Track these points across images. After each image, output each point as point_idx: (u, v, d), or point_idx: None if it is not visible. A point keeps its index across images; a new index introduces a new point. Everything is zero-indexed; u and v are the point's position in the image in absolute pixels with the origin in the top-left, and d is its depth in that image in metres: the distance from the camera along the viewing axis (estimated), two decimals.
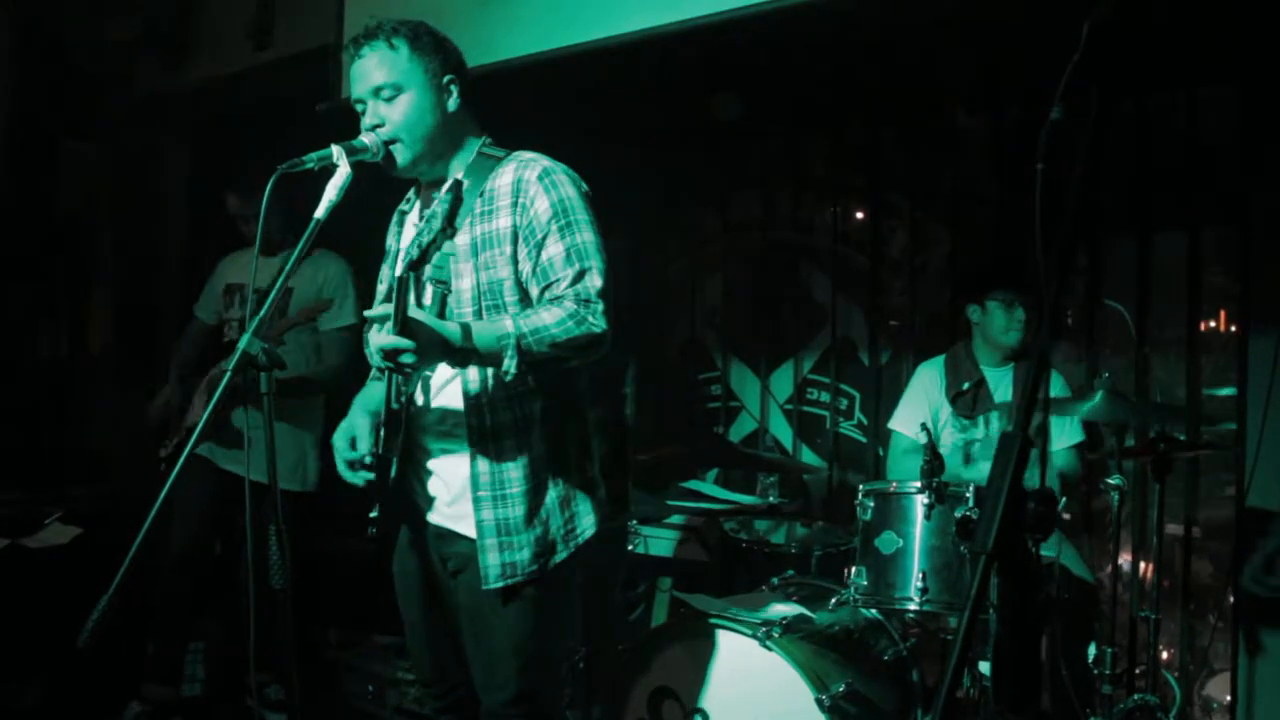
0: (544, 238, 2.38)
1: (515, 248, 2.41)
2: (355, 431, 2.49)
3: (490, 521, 2.40)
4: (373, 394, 2.60)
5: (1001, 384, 4.04)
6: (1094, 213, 4.39)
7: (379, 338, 2.11)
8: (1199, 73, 4.16)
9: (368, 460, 2.45)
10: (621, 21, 3.88)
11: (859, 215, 5.30)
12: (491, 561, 2.40)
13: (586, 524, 2.48)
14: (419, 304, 2.42)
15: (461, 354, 2.22)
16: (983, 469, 3.92)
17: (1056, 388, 3.99)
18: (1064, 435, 4.01)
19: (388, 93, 2.42)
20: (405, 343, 2.08)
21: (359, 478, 2.47)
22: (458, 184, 2.12)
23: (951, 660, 1.35)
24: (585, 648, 3.83)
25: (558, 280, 2.36)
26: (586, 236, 2.39)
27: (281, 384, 3.80)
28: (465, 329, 2.22)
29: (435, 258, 2.10)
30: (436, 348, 2.16)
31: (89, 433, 5.66)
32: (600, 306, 2.34)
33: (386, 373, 2.46)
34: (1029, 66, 2.18)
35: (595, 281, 2.36)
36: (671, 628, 3.51)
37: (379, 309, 2.16)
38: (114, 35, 5.65)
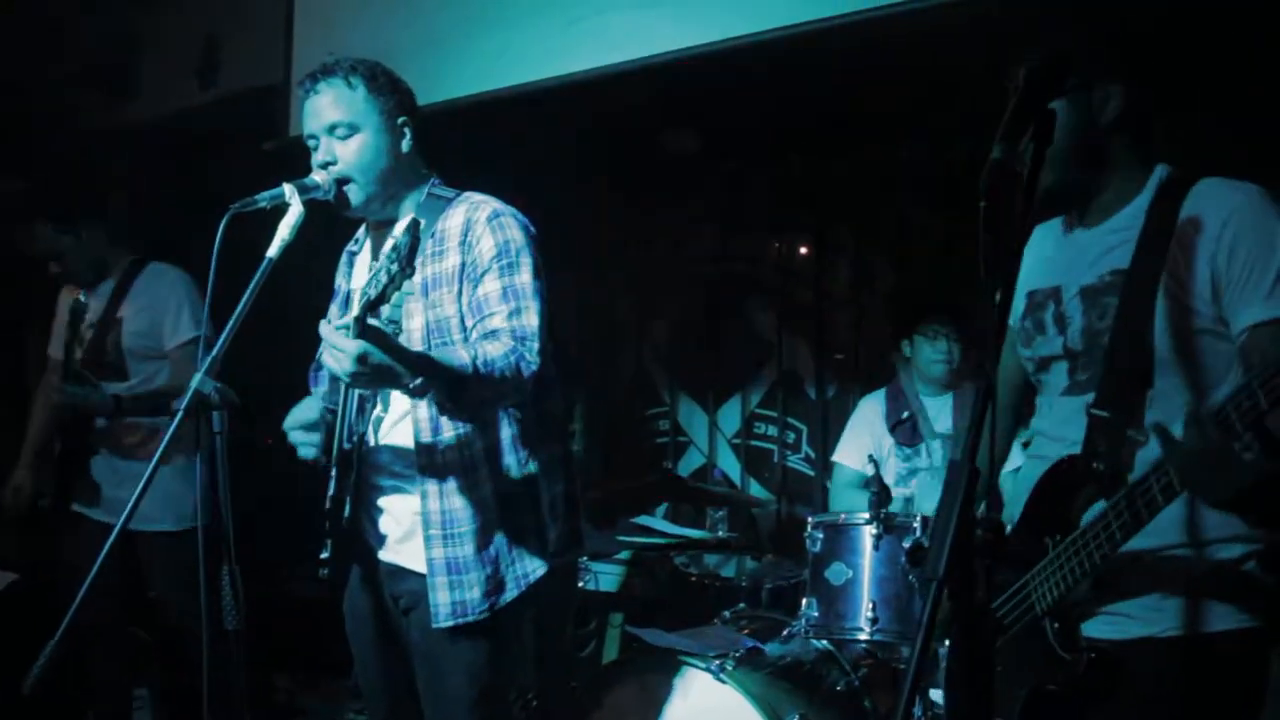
0: (483, 274, 2.40)
1: (460, 286, 2.42)
2: (311, 403, 2.47)
3: (440, 560, 2.40)
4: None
5: (940, 413, 4.11)
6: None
7: (333, 336, 2.04)
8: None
9: (329, 494, 2.44)
10: (569, 62, 3.95)
11: (804, 250, 5.37)
12: (441, 600, 2.39)
13: (536, 564, 2.47)
14: None
15: (415, 368, 2.15)
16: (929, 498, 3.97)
17: None
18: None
19: (342, 131, 2.42)
20: (358, 342, 2.01)
21: (312, 443, 2.42)
22: (416, 224, 2.12)
23: (906, 686, 1.37)
24: (537, 686, 3.81)
25: (491, 315, 2.37)
26: (524, 278, 2.40)
27: (133, 406, 3.77)
28: (421, 351, 2.22)
29: (394, 298, 2.09)
30: (390, 355, 2.08)
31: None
32: (535, 345, 2.35)
33: (339, 406, 2.47)
34: (971, 100, 2.26)
35: (531, 320, 2.37)
36: (624, 663, 3.50)
37: (340, 320, 2.13)
38: (57, 72, 5.59)
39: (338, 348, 2.02)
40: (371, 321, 2.06)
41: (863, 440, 4.15)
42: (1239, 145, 3.72)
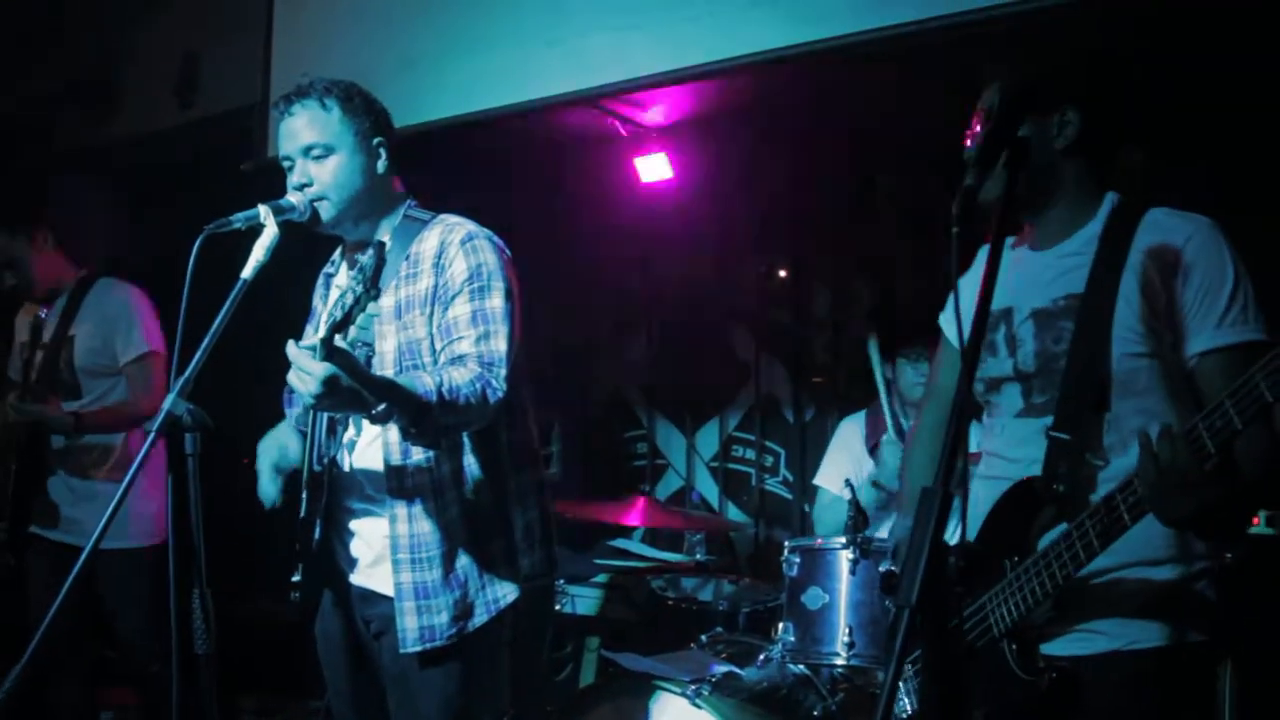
0: (454, 297, 2.39)
1: (433, 308, 2.42)
2: (286, 444, 2.48)
3: (408, 584, 2.39)
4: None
5: None
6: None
7: (300, 357, 2.02)
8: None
9: (300, 516, 2.42)
10: (547, 85, 3.95)
11: (782, 273, 5.38)
12: (409, 625, 2.38)
13: (506, 589, 2.46)
14: None
15: (379, 393, 2.12)
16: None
17: None
18: None
19: (317, 152, 2.42)
20: (325, 365, 1.99)
21: (275, 489, 2.44)
22: (380, 245, 2.12)
23: (879, 712, 1.37)
24: (512, 710, 3.78)
25: (460, 339, 2.36)
26: (496, 302, 2.39)
27: (92, 424, 3.74)
28: (386, 377, 2.21)
29: (359, 319, 2.09)
30: (355, 379, 2.05)
31: None
32: (502, 372, 2.34)
33: (309, 426, 2.46)
34: (946, 124, 2.29)
35: (499, 345, 2.36)
36: (600, 688, 3.48)
37: (306, 341, 2.11)
38: (36, 89, 5.57)
39: (305, 370, 2.00)
40: (339, 343, 2.05)
41: (843, 463, 4.14)
42: (1186, 177, 3.77)
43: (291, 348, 2.03)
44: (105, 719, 4.18)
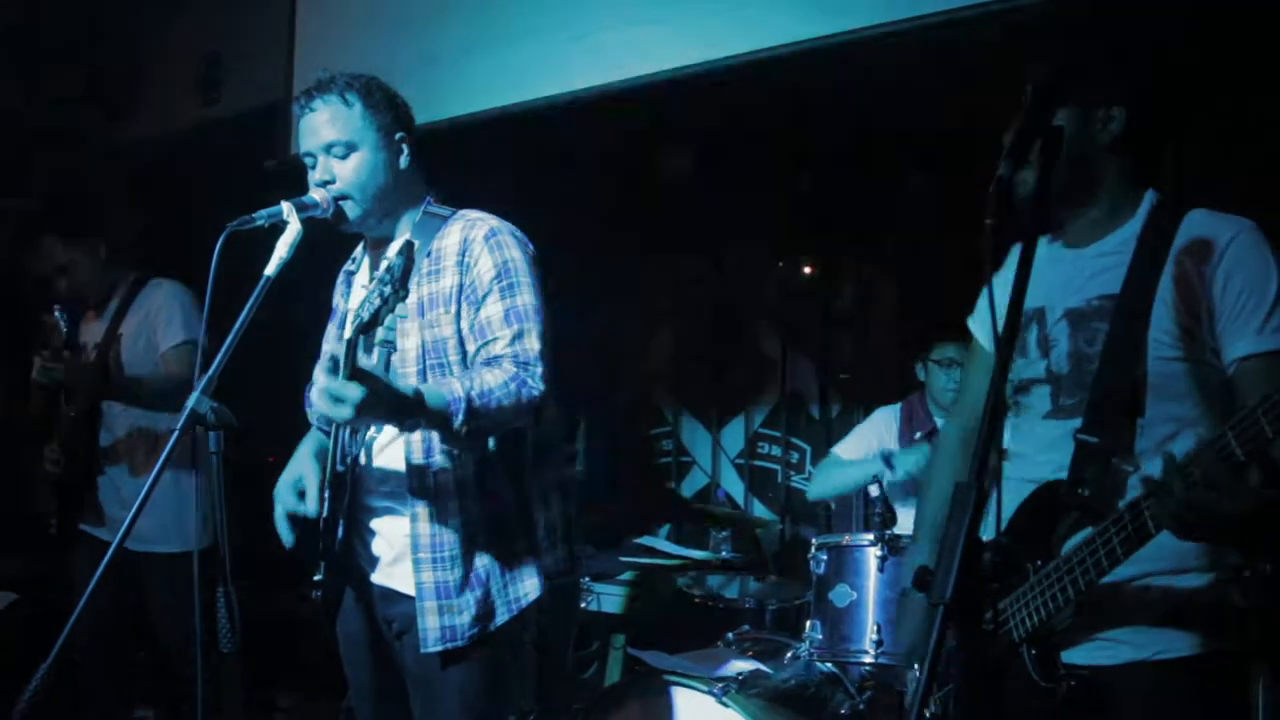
0: (484, 296, 2.37)
1: (459, 306, 2.40)
2: (304, 483, 2.45)
3: (429, 584, 2.37)
4: (320, 440, 2.57)
5: None
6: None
7: (329, 382, 2.03)
8: None
9: (322, 515, 2.41)
10: (570, 80, 3.93)
11: (808, 270, 5.36)
12: (430, 625, 2.36)
13: (529, 588, 2.43)
14: None
15: (411, 411, 2.16)
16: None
17: None
18: None
19: (340, 150, 2.40)
20: (357, 389, 2.00)
21: (291, 536, 2.43)
22: (409, 245, 2.10)
23: (914, 709, 1.35)
24: (537, 708, 3.77)
25: (495, 339, 2.35)
26: (526, 299, 2.38)
27: (120, 384, 3.74)
28: (416, 389, 2.18)
29: (387, 320, 2.07)
30: (385, 402, 2.08)
31: (23, 498, 5.51)
32: (539, 370, 2.33)
33: (332, 426, 2.44)
34: (975, 119, 2.25)
35: (533, 344, 2.35)
36: (626, 686, 3.46)
37: (329, 340, 2.11)
38: (57, 88, 5.60)
39: (340, 396, 2.01)
40: (364, 365, 2.04)
41: (869, 443, 4.11)
42: (1229, 175, 3.71)
43: (329, 379, 2.04)
44: (143, 717, 4.19)
